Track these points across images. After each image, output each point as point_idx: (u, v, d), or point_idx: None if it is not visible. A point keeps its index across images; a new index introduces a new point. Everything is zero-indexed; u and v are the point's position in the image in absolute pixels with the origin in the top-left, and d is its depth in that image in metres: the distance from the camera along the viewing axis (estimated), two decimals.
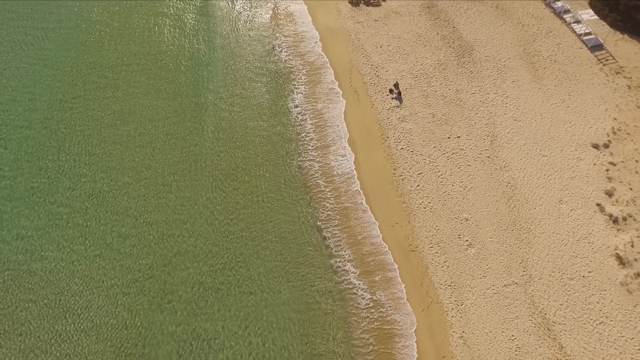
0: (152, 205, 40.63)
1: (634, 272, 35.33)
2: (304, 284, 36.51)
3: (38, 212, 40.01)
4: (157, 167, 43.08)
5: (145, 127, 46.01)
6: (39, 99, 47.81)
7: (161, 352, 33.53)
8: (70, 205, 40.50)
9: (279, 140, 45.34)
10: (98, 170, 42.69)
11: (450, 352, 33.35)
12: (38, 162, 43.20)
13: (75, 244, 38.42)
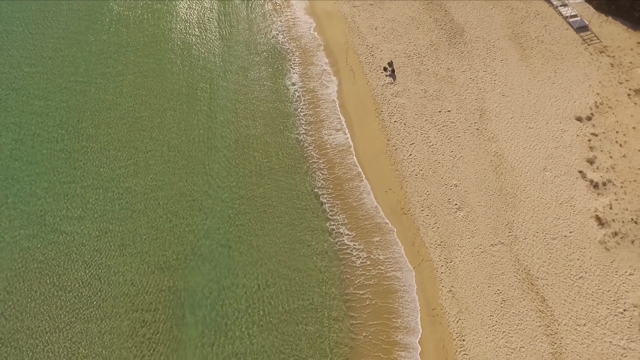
0: (162, 170, 42.85)
1: (612, 231, 37.72)
2: (301, 244, 38.72)
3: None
4: (170, 137, 45.36)
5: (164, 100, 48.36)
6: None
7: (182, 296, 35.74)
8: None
9: (278, 115, 47.66)
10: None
11: (440, 304, 35.64)
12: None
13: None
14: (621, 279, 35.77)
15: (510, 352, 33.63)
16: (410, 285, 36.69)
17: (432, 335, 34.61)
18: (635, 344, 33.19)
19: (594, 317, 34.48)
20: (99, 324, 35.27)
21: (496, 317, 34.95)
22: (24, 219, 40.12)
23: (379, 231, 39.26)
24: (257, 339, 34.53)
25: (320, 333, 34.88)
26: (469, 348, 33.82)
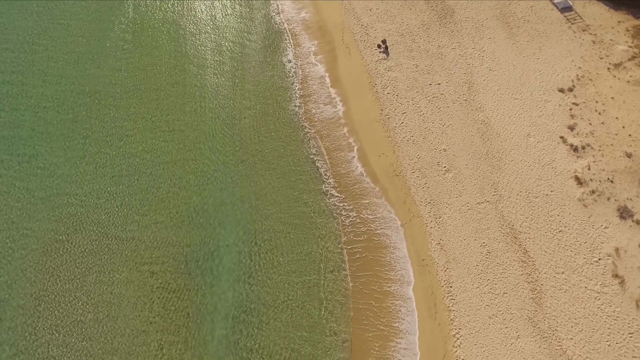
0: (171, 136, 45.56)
1: (590, 190, 40.69)
2: (298, 203, 41.51)
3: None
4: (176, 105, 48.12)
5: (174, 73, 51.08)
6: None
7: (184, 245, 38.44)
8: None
9: (276, 89, 50.54)
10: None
11: (429, 255, 38.48)
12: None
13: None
14: (597, 232, 38.71)
15: (494, 297, 36.48)
16: (401, 240, 39.45)
17: (422, 283, 37.44)
18: (608, 289, 36.12)
19: (571, 265, 37.39)
20: (111, 275, 37.81)
21: (481, 266, 37.81)
22: (41, 183, 42.57)
23: (368, 194, 42.01)
24: (256, 287, 37.23)
25: (317, 282, 37.60)
26: (456, 294, 36.65)
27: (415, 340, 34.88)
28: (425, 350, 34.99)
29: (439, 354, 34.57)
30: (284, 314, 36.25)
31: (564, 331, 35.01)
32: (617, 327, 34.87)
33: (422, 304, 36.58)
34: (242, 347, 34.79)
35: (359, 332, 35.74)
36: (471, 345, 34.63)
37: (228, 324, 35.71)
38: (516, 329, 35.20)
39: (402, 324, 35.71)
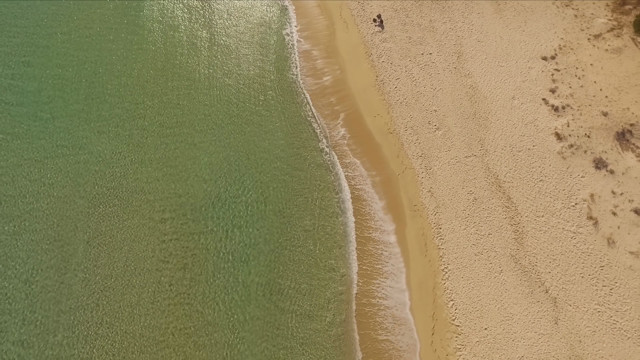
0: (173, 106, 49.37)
1: (568, 144, 44.75)
2: (298, 157, 45.46)
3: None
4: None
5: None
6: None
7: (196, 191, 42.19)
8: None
9: (275, 59, 54.51)
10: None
11: (420, 202, 42.37)
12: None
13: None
14: (574, 180, 42.74)
15: (479, 237, 40.39)
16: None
17: (414, 225, 41.33)
18: (583, 229, 40.12)
19: (550, 210, 41.38)
20: (125, 222, 41.43)
21: (468, 211, 41.73)
22: (58, 143, 46.10)
23: (366, 145, 46.03)
24: (261, 231, 40.99)
25: (315, 226, 41.42)
26: (444, 234, 40.54)
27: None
28: (417, 283, 38.85)
29: (429, 286, 38.40)
30: (285, 251, 40.03)
31: (543, 266, 38.92)
32: (590, 261, 38.84)
33: (414, 244, 40.46)
34: (243, 281, 38.47)
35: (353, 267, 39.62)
36: (458, 278, 38.48)
37: (231, 263, 39.39)
38: (499, 265, 39.08)
39: (386, 265, 39.56)
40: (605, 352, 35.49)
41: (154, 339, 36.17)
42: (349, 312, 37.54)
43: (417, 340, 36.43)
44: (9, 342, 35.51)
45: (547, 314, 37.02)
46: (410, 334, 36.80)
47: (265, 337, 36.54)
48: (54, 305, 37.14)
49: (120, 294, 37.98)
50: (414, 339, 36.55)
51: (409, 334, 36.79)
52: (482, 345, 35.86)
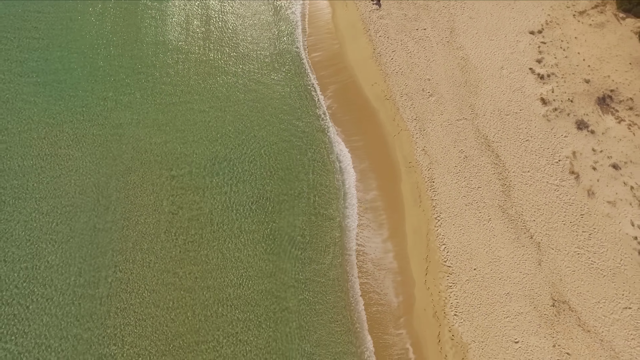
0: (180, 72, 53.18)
1: (553, 108, 48.72)
2: (299, 120, 49.30)
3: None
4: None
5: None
6: None
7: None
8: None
9: (278, 34, 58.46)
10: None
11: (415, 159, 46.23)
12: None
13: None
14: (558, 140, 46.69)
15: (470, 190, 44.23)
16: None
17: (409, 180, 45.16)
18: (565, 182, 44.02)
19: (535, 166, 45.28)
20: (136, 176, 45.03)
21: (459, 167, 45.60)
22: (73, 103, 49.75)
23: (363, 111, 49.92)
24: (264, 185, 44.79)
25: (314, 181, 45.19)
26: (437, 187, 44.37)
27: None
28: (411, 230, 42.61)
29: (423, 232, 42.19)
30: (286, 204, 43.80)
31: (528, 215, 42.78)
32: (571, 210, 42.73)
33: (408, 196, 44.25)
34: (248, 229, 42.21)
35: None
36: (450, 225, 42.29)
37: (237, 214, 43.13)
38: (488, 214, 42.92)
39: (380, 216, 43.44)
40: (583, 289, 39.27)
41: (164, 281, 39.69)
42: (347, 255, 41.33)
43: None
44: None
45: (532, 257, 40.81)
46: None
47: (270, 276, 40.21)
48: (85, 249, 40.68)
49: (134, 241, 41.47)
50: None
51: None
52: (472, 283, 39.60)
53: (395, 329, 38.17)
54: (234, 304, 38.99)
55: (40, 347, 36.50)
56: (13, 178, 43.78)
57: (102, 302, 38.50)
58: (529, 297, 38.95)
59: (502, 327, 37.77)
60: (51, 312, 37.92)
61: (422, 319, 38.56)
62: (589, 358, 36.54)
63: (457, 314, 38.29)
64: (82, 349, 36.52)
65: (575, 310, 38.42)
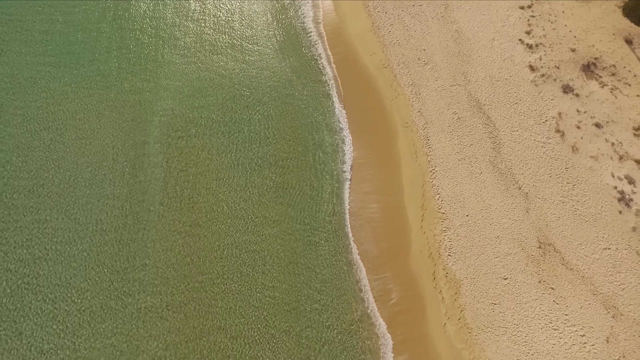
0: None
1: (540, 74, 52.87)
2: (304, 86, 53.35)
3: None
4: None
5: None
6: None
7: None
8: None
9: (283, 12, 62.65)
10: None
11: (411, 120, 50.24)
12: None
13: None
14: (545, 102, 50.80)
15: (462, 147, 48.21)
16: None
17: (405, 138, 49.15)
18: (552, 140, 48.10)
19: (524, 125, 49.35)
20: (147, 137, 48.89)
21: (453, 127, 49.61)
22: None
23: (362, 77, 54.06)
24: (271, 145, 48.68)
25: (320, 140, 49.17)
26: (432, 144, 48.34)
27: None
28: (408, 183, 46.54)
29: (418, 184, 46.13)
30: (291, 161, 47.76)
31: (517, 169, 46.79)
32: (557, 164, 46.78)
33: (405, 152, 48.23)
34: (257, 184, 46.07)
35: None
36: (444, 178, 46.24)
37: (245, 170, 47.02)
38: (480, 168, 46.90)
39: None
40: (567, 233, 43.20)
41: (174, 229, 43.41)
42: (346, 204, 45.46)
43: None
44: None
45: (520, 205, 44.76)
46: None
47: (277, 223, 44.03)
48: (105, 187, 44.44)
49: (144, 193, 45.16)
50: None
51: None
52: (464, 227, 43.50)
53: (393, 269, 41.97)
54: (242, 248, 42.71)
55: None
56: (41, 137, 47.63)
57: (125, 251, 42.17)
58: (517, 240, 42.84)
59: (492, 266, 41.62)
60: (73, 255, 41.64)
61: (419, 259, 42.38)
62: (571, 292, 40.40)
63: (450, 254, 42.14)
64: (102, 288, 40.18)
65: (559, 251, 42.31)
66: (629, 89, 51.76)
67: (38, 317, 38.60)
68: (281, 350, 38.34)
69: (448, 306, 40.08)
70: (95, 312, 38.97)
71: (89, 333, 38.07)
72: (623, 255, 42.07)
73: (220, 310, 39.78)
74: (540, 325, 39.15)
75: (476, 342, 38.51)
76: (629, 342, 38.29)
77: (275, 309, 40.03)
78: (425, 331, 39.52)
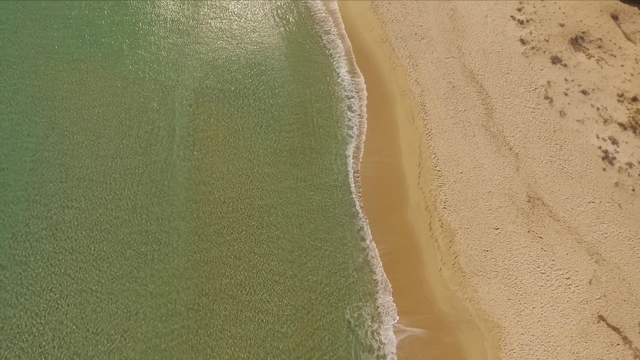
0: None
1: (530, 47, 56.81)
2: (310, 61, 57.26)
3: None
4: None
5: None
6: None
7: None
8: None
9: None
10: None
11: (408, 88, 54.06)
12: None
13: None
14: (534, 72, 54.70)
15: (457, 112, 51.99)
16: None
17: (403, 104, 52.94)
18: (541, 106, 51.97)
19: (515, 93, 53.19)
20: (156, 103, 52.58)
21: (448, 94, 53.42)
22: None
23: (361, 52, 57.98)
24: (279, 109, 52.43)
25: (326, 107, 52.94)
26: (428, 110, 52.13)
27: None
28: (405, 144, 50.24)
29: (415, 145, 49.87)
30: (299, 130, 51.55)
31: (508, 132, 50.57)
32: (546, 127, 50.58)
33: (403, 117, 51.98)
34: (270, 146, 49.75)
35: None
36: (439, 139, 49.98)
37: (258, 131, 50.74)
38: (473, 131, 50.66)
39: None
40: (555, 189, 46.89)
41: (183, 185, 46.96)
42: (349, 163, 49.18)
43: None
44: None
45: (511, 164, 48.48)
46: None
47: (287, 178, 47.69)
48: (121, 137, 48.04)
49: (150, 153, 48.78)
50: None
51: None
52: (458, 183, 47.18)
53: (392, 220, 45.58)
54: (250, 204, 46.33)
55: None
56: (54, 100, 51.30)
57: (145, 205, 45.71)
58: (508, 195, 46.51)
59: (485, 217, 45.26)
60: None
61: (416, 212, 46.00)
62: (558, 240, 44.02)
63: (445, 207, 45.79)
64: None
65: (547, 205, 45.98)
66: (614, 60, 55.70)
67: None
68: (286, 294, 41.79)
69: (443, 253, 43.66)
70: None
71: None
72: (606, 208, 45.75)
73: (227, 259, 43.22)
74: (529, 270, 42.72)
75: (469, 284, 42.05)
76: (609, 284, 41.88)
77: (280, 257, 43.50)
78: (422, 275, 43.05)
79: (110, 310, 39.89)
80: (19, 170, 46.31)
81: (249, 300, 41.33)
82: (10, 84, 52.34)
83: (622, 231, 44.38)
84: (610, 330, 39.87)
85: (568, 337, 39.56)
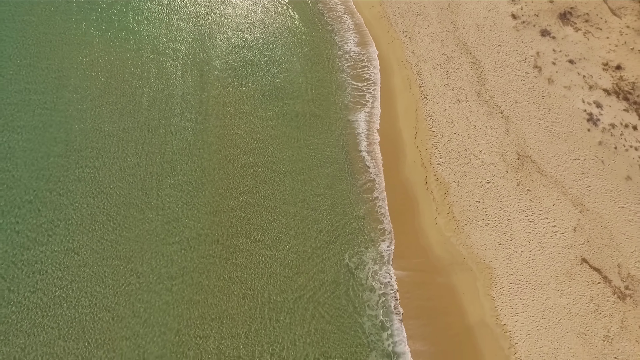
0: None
1: (521, 21, 61.09)
2: (313, 37, 61.54)
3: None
4: None
5: None
6: None
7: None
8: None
9: None
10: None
11: (405, 59, 58.28)
12: None
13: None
14: (525, 44, 58.91)
15: (451, 80, 56.16)
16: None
17: (400, 74, 57.14)
18: (530, 74, 56.08)
19: (505, 63, 57.38)
20: (167, 75, 56.77)
21: (443, 64, 57.63)
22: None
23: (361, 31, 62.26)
24: (288, 85, 56.56)
25: (328, 78, 57.13)
26: (424, 78, 56.30)
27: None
28: (402, 109, 54.37)
29: (412, 109, 53.99)
30: (303, 99, 55.70)
31: (499, 97, 54.69)
32: (535, 93, 54.73)
33: (400, 86, 56.13)
34: (280, 112, 53.86)
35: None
36: (435, 104, 54.10)
37: (268, 99, 54.91)
38: (466, 97, 54.79)
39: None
40: (542, 148, 50.92)
41: (194, 144, 50.99)
42: (351, 127, 53.28)
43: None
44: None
45: (501, 126, 52.54)
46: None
47: (290, 146, 51.74)
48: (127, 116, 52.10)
49: (158, 120, 52.88)
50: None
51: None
52: (452, 142, 51.23)
53: (391, 176, 49.58)
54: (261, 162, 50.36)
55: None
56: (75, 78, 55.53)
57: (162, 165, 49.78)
58: (499, 153, 50.53)
59: (477, 172, 49.25)
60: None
61: (412, 168, 50.03)
62: (545, 193, 47.98)
63: (440, 163, 49.81)
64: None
65: (535, 162, 49.98)
66: (600, 33, 59.93)
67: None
68: (298, 237, 45.75)
69: (438, 203, 47.62)
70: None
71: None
72: (590, 164, 49.75)
73: (240, 214, 47.19)
74: (518, 218, 46.64)
75: (463, 231, 45.97)
76: (592, 231, 45.78)
77: (288, 209, 47.46)
78: (418, 224, 46.98)
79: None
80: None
81: (262, 240, 45.36)
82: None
83: (605, 184, 48.33)
84: (592, 270, 43.71)
85: (553, 277, 43.40)
